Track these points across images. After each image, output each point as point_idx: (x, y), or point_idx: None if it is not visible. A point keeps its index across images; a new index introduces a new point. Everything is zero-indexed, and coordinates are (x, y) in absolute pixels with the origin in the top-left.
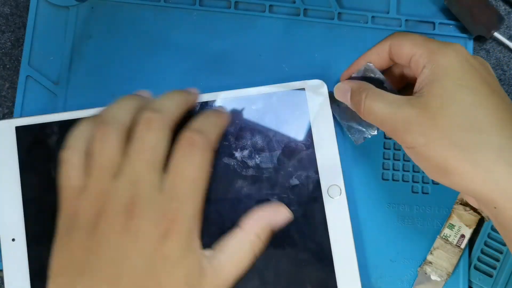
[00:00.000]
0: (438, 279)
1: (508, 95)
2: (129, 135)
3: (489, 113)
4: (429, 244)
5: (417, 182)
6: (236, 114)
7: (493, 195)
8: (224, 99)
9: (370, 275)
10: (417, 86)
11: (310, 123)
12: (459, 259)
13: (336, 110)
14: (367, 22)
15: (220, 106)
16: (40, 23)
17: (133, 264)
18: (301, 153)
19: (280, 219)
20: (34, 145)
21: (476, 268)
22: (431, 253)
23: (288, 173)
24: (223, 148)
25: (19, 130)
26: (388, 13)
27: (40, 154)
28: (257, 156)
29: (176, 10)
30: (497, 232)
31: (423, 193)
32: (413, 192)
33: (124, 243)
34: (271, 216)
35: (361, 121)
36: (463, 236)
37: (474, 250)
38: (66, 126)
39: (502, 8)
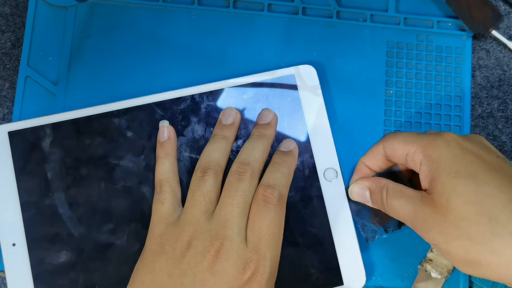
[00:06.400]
0: (439, 277)
1: (508, 95)
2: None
3: (496, 196)
4: None
5: None
6: (227, 105)
7: None
8: (214, 90)
9: (371, 273)
10: (422, 184)
11: (302, 109)
12: None
13: (352, 206)
14: (365, 20)
15: (289, 139)
16: (39, 24)
17: None
18: (296, 139)
19: None
20: (29, 149)
21: None
22: (431, 250)
23: None
24: None
25: (12, 135)
26: (387, 11)
27: (35, 157)
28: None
29: (174, 10)
30: None
31: None
32: None
33: (207, 279)
34: None
35: (375, 220)
36: None
37: None
38: (59, 128)
39: (502, 8)
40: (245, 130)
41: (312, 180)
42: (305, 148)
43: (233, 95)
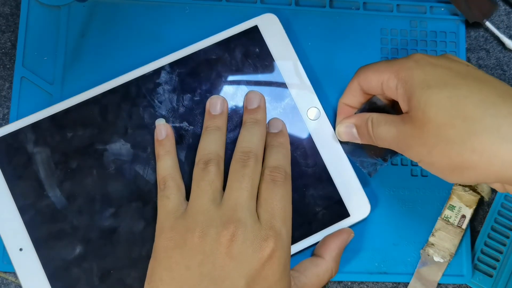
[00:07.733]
0: (441, 260)
1: None
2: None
3: (468, 98)
4: (430, 226)
5: (416, 165)
6: (201, 68)
7: (508, 175)
8: (184, 56)
9: (374, 259)
10: (402, 107)
11: (272, 57)
12: (461, 240)
13: (345, 148)
14: (358, 8)
15: (275, 118)
16: (32, 24)
17: (234, 284)
18: (272, 87)
19: (349, 240)
20: (14, 153)
21: (476, 268)
22: (433, 234)
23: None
24: (199, 105)
25: None
26: None
27: (22, 160)
28: (232, 103)
29: (168, 5)
30: (497, 231)
31: (422, 175)
32: (412, 175)
33: (227, 265)
34: (344, 240)
35: (371, 154)
36: (463, 216)
37: (474, 250)
38: (39, 126)
39: (502, 8)
40: (221, 91)
41: (298, 123)
42: (283, 93)
43: (203, 58)
